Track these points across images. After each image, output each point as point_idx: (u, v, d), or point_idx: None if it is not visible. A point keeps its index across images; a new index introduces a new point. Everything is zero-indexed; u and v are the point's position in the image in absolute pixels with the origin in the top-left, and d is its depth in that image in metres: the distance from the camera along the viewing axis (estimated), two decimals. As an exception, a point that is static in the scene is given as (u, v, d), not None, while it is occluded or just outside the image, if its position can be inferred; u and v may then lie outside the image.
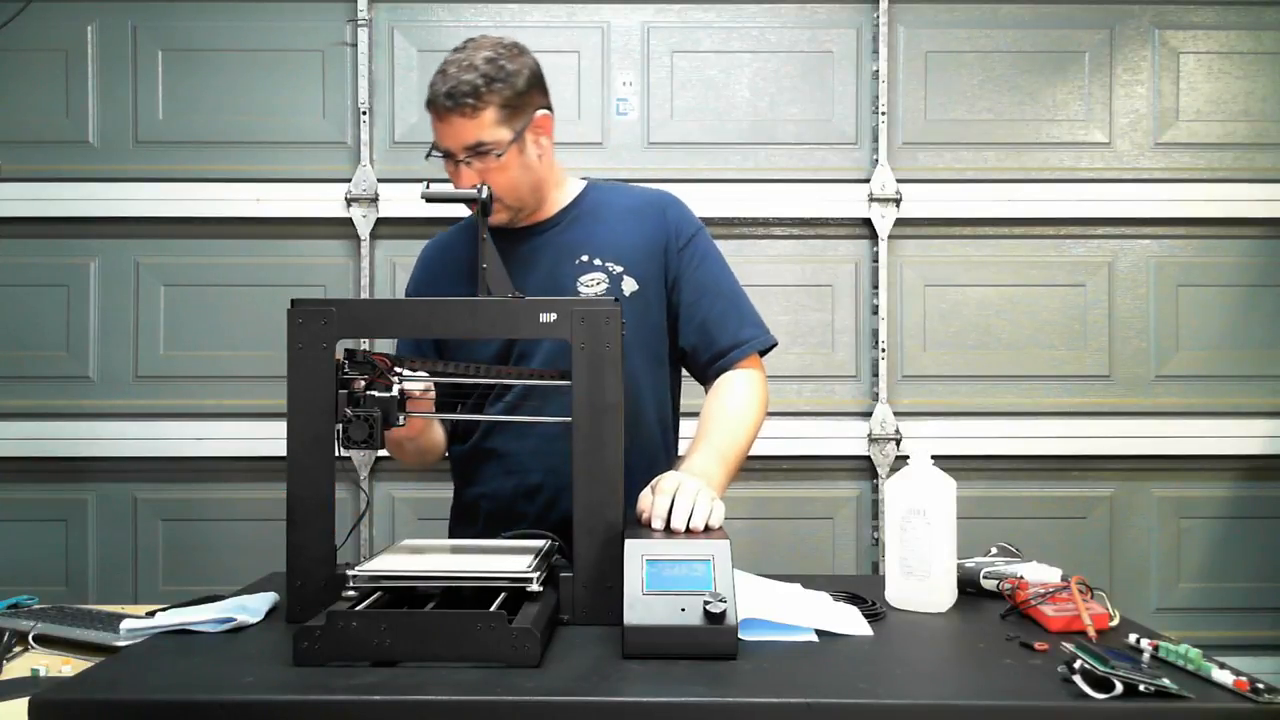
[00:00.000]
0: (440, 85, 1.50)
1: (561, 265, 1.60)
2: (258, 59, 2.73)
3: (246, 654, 1.13)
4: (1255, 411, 2.76)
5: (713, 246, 1.70)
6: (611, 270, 1.60)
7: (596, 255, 1.61)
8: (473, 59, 1.50)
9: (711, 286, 1.65)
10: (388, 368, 1.30)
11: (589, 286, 1.59)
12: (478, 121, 1.50)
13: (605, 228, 1.63)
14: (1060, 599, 1.25)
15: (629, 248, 1.62)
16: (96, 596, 2.67)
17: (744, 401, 1.61)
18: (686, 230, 1.66)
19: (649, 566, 1.14)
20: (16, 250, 2.72)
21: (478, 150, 1.51)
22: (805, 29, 2.76)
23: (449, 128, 1.51)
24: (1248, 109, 2.78)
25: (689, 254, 1.65)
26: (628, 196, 1.70)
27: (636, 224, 1.64)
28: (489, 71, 1.50)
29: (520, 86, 1.53)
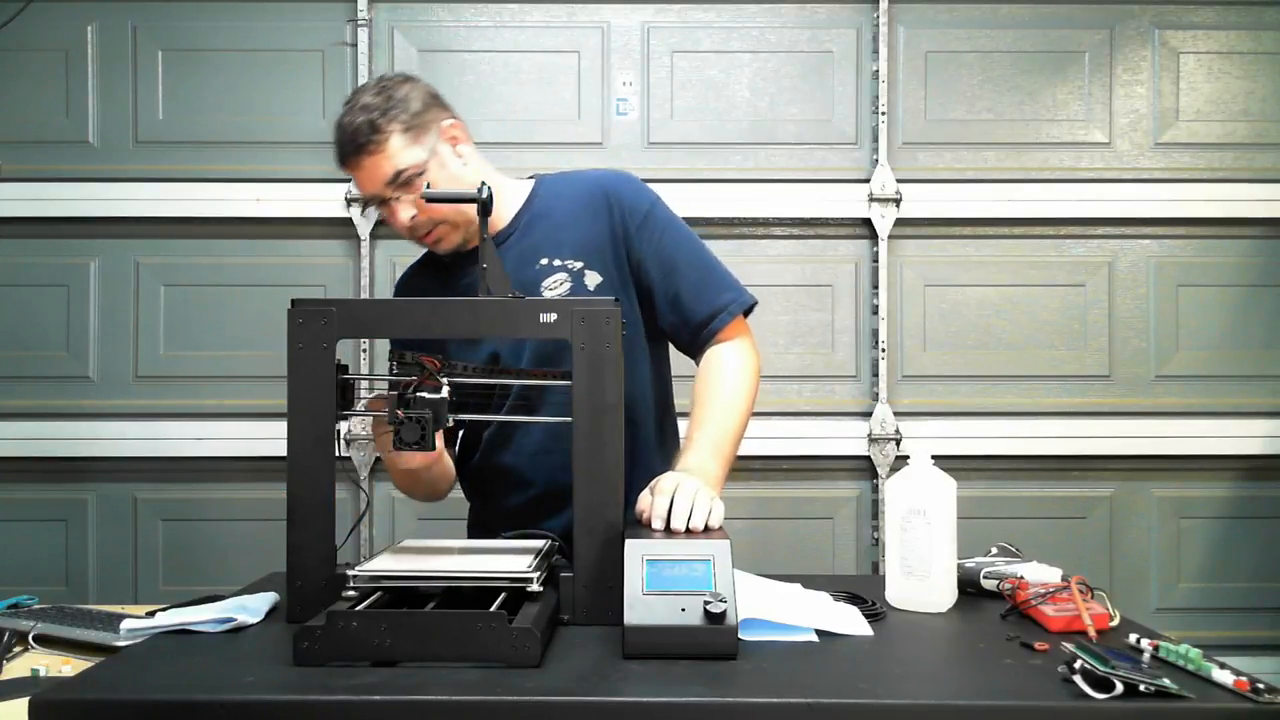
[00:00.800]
0: (340, 137, 1.51)
1: (523, 273, 1.56)
2: (258, 59, 2.73)
3: (246, 654, 1.13)
4: (1255, 411, 2.76)
5: (670, 217, 1.63)
6: (572, 268, 1.57)
7: (555, 256, 1.58)
8: (357, 103, 1.52)
9: (678, 260, 1.59)
10: (437, 369, 1.30)
11: (552, 289, 1.56)
12: (386, 153, 1.49)
13: (558, 226, 1.60)
14: (1060, 599, 1.26)
15: (585, 241, 1.58)
16: (96, 596, 2.67)
17: (732, 379, 1.56)
18: (639, 208, 1.60)
19: (649, 566, 1.14)
20: (16, 250, 2.72)
21: (400, 181, 1.50)
22: (805, 29, 2.76)
23: (365, 172, 1.51)
24: (1248, 109, 2.78)
25: (647, 232, 1.59)
26: (575, 187, 1.64)
27: (587, 214, 1.60)
28: (378, 104, 1.50)
29: (415, 107, 1.53)
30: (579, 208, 1.61)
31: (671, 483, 1.31)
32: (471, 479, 1.73)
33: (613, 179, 1.64)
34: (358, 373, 1.36)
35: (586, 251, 1.58)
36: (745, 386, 1.57)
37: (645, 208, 1.60)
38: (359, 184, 1.55)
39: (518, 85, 2.74)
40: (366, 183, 1.53)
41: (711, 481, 1.40)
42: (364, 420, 2.63)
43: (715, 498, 1.31)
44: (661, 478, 1.35)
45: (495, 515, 1.67)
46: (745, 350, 1.61)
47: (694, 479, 1.33)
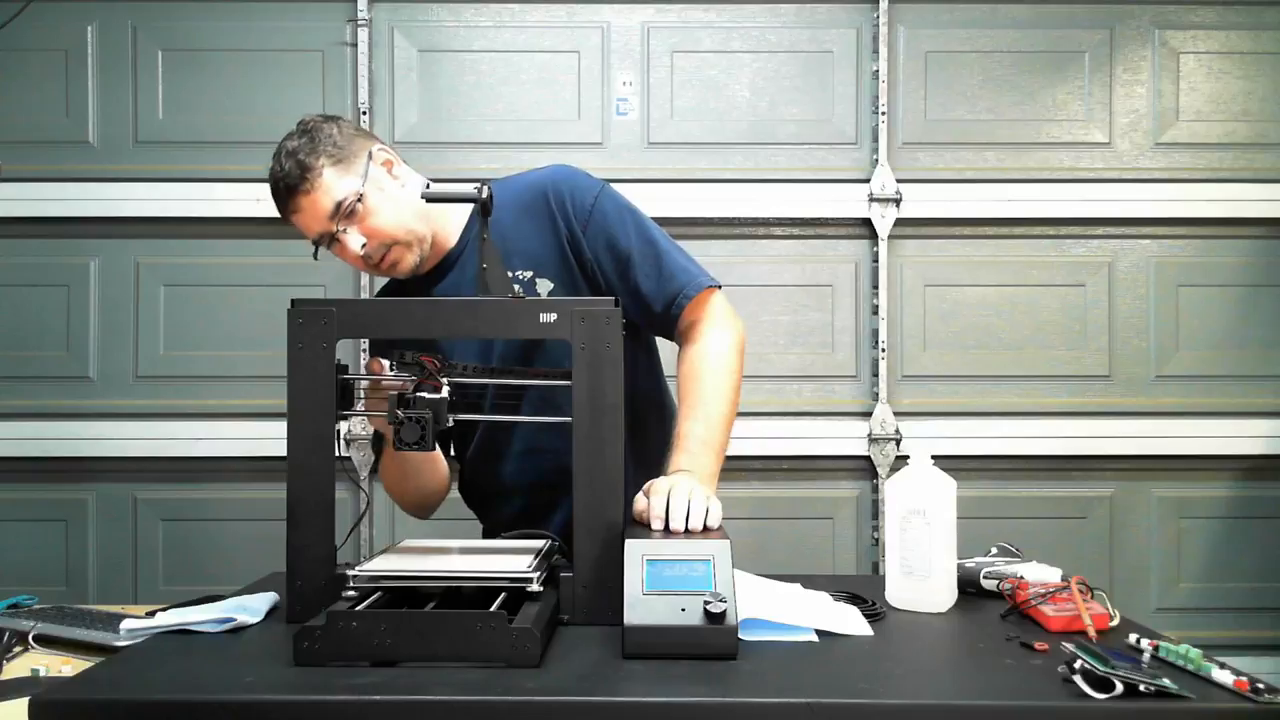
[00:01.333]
0: (274, 187, 1.53)
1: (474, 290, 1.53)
2: (258, 59, 2.73)
3: (246, 654, 1.13)
4: (1255, 411, 2.76)
5: (617, 208, 1.57)
6: (522, 278, 1.54)
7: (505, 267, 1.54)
8: (281, 150, 1.54)
9: (629, 253, 1.54)
10: (437, 369, 1.30)
11: None
12: (322, 187, 1.49)
13: (503, 236, 1.53)
14: (1060, 599, 1.26)
15: (532, 249, 1.55)
16: (96, 596, 2.67)
17: (713, 368, 1.51)
18: (583, 204, 1.55)
19: (649, 566, 1.14)
20: (16, 250, 2.72)
21: (341, 212, 1.49)
22: (805, 29, 2.76)
23: (305, 214, 1.51)
24: (1248, 109, 2.78)
25: (595, 229, 1.54)
26: (517, 193, 1.59)
27: (532, 220, 1.56)
28: (301, 145, 1.52)
29: (339, 139, 1.53)
30: (523, 214, 1.57)
31: (667, 484, 1.31)
32: (466, 493, 1.74)
33: (552, 179, 1.59)
34: (358, 373, 1.36)
35: (534, 260, 1.55)
36: (727, 370, 1.52)
37: (589, 204, 1.55)
38: (304, 228, 1.54)
39: (518, 85, 2.74)
40: (311, 223, 1.52)
41: (706, 478, 1.39)
42: (364, 420, 2.63)
43: (712, 496, 1.30)
44: (654, 481, 1.35)
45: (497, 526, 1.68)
46: (721, 327, 1.55)
47: (689, 478, 1.33)
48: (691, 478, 1.34)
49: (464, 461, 1.71)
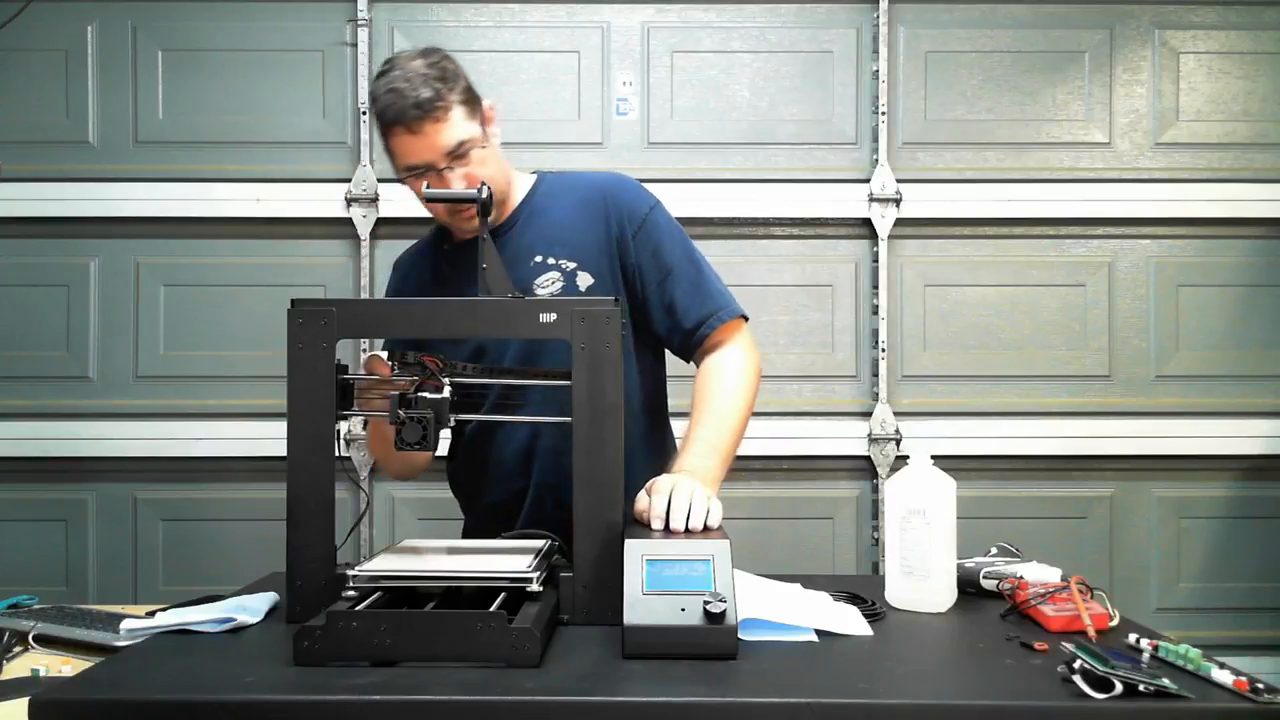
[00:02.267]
0: (399, 101, 1.46)
1: (518, 269, 1.57)
2: (258, 59, 2.73)
3: (246, 654, 1.13)
4: (1255, 411, 2.76)
5: (668, 223, 1.63)
6: (565, 268, 1.57)
7: (550, 254, 1.58)
8: (411, 71, 1.48)
9: (673, 266, 1.59)
10: (438, 369, 1.30)
11: (544, 288, 1.56)
12: (450, 122, 1.48)
13: (556, 224, 1.60)
14: (1060, 599, 1.26)
15: (581, 242, 1.58)
16: (96, 596, 2.67)
17: (730, 380, 1.56)
18: (637, 212, 1.60)
19: (649, 566, 1.14)
20: (16, 250, 2.72)
21: (459, 152, 1.49)
22: (805, 29, 2.76)
23: (423, 139, 1.48)
24: (1248, 109, 2.78)
25: (644, 238, 1.59)
26: (575, 188, 1.65)
27: (586, 216, 1.60)
28: (437, 74, 1.48)
29: (465, 81, 1.52)
30: (578, 208, 1.61)
31: (669, 483, 1.31)
32: (454, 474, 1.74)
33: (613, 182, 1.65)
34: (358, 373, 1.36)
35: (581, 253, 1.58)
36: (743, 386, 1.57)
37: (643, 213, 1.60)
38: (408, 152, 1.49)
39: (518, 85, 2.74)
40: (422, 150, 1.48)
41: (709, 480, 1.40)
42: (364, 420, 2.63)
43: (713, 496, 1.31)
44: (656, 479, 1.35)
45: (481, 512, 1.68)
46: (743, 352, 1.61)
47: (691, 479, 1.33)
48: (693, 478, 1.34)
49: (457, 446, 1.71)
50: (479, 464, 1.65)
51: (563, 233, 1.59)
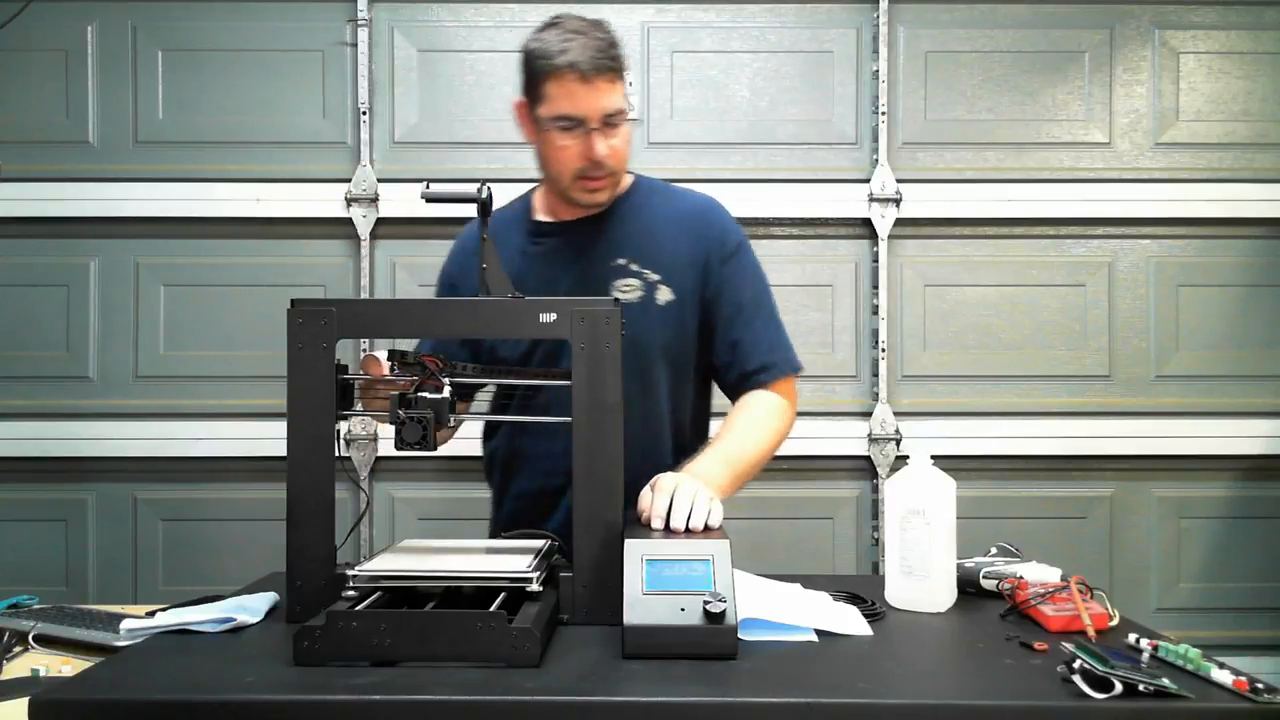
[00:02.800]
0: (581, 51, 1.46)
1: (598, 265, 1.58)
2: (258, 59, 2.73)
3: (246, 654, 1.13)
4: (1255, 411, 2.76)
5: (754, 260, 1.67)
6: (647, 278, 1.58)
7: (634, 260, 1.58)
8: (598, 30, 1.49)
9: (749, 305, 1.62)
10: (438, 369, 1.30)
11: (623, 292, 1.56)
12: (617, 87, 1.49)
13: (647, 232, 1.60)
14: (1060, 599, 1.26)
15: (669, 257, 1.59)
16: (96, 596, 2.67)
17: (763, 419, 1.59)
18: (730, 242, 1.63)
19: (649, 566, 1.14)
20: (16, 250, 2.72)
21: (613, 120, 1.50)
22: (805, 29, 2.76)
23: (593, 92, 1.47)
24: (1248, 109, 2.78)
25: (730, 269, 1.62)
26: (673, 202, 1.66)
27: (680, 233, 1.61)
28: (614, 40, 1.50)
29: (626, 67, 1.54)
30: (672, 222, 1.62)
31: (672, 482, 1.31)
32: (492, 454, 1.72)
33: (712, 207, 1.67)
34: (358, 373, 1.36)
35: (669, 267, 1.59)
36: (775, 427, 1.60)
37: (736, 243, 1.64)
38: (571, 101, 1.48)
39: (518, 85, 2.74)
40: (584, 102, 1.48)
41: (714, 486, 1.40)
42: (364, 420, 2.63)
43: (715, 498, 1.31)
44: (661, 476, 1.35)
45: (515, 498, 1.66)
46: (782, 404, 1.63)
47: (695, 480, 1.33)
48: (698, 480, 1.34)
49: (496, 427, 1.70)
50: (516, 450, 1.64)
51: (652, 243, 1.60)
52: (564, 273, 1.59)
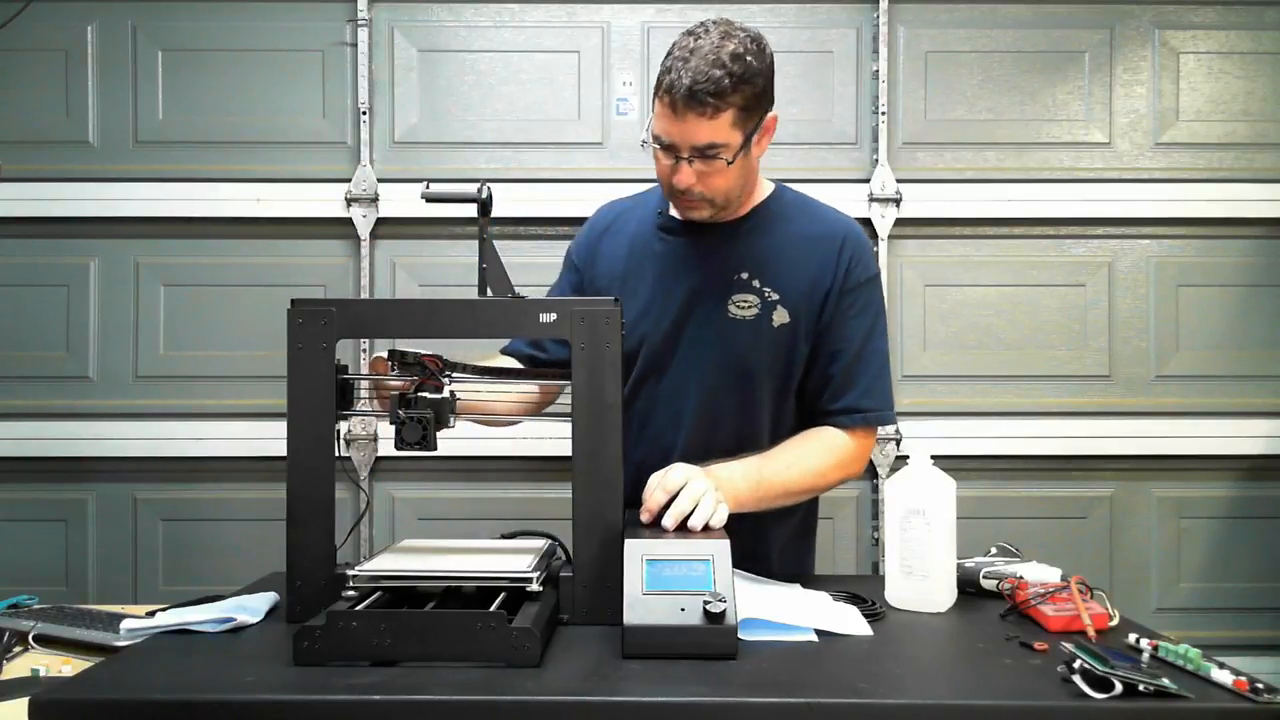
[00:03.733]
0: (681, 76, 1.38)
1: (720, 275, 1.54)
2: (258, 59, 2.73)
3: (246, 654, 1.13)
4: (1255, 411, 2.76)
5: (878, 300, 1.59)
6: (767, 297, 1.53)
7: (756, 276, 1.54)
8: (720, 52, 1.39)
9: (858, 344, 1.55)
10: (438, 369, 1.30)
11: (740, 307, 1.53)
12: (715, 123, 1.40)
13: (775, 249, 1.55)
14: (1060, 599, 1.26)
15: (792, 278, 1.54)
16: (96, 596, 2.67)
17: (816, 454, 1.52)
18: (857, 275, 1.56)
19: (649, 566, 1.14)
20: (16, 250, 2.72)
21: (706, 152, 1.43)
22: (805, 29, 2.76)
23: (681, 124, 1.41)
24: (1248, 109, 2.78)
25: (850, 300, 1.55)
26: (810, 221, 1.60)
27: (808, 255, 1.55)
28: (736, 70, 1.39)
29: (760, 87, 1.44)
30: (805, 242, 1.56)
31: (681, 476, 1.29)
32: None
33: (851, 234, 1.59)
34: (358, 373, 1.36)
35: (790, 289, 1.54)
36: (822, 466, 1.52)
37: (863, 278, 1.57)
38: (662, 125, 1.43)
39: (518, 85, 2.74)
40: (673, 131, 1.42)
41: (730, 494, 1.36)
42: (364, 420, 2.63)
43: (721, 501, 1.29)
44: (676, 466, 1.32)
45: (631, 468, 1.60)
46: (849, 449, 1.55)
47: (708, 479, 1.31)
48: (711, 480, 1.31)
49: None
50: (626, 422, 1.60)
51: (778, 261, 1.55)
52: (685, 276, 1.55)
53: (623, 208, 1.71)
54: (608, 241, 1.66)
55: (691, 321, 1.55)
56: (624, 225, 1.66)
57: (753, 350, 1.53)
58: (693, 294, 1.54)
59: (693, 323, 1.55)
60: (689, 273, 1.55)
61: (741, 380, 1.53)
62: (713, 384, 1.54)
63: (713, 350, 1.54)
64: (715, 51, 1.38)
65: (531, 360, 1.64)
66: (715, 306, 1.53)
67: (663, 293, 1.56)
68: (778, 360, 1.54)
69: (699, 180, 1.45)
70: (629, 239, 1.63)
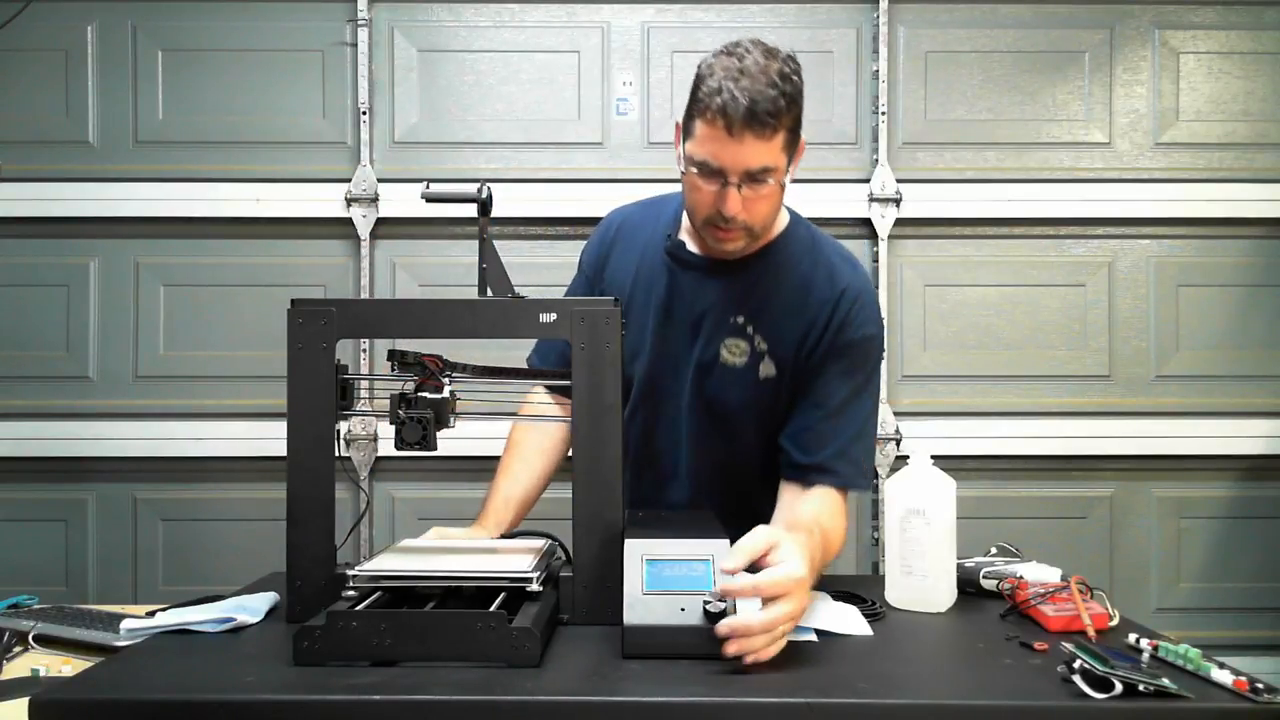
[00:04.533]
0: (737, 97, 1.29)
1: (718, 315, 1.49)
2: (258, 59, 2.73)
3: (246, 654, 1.13)
4: (1255, 411, 2.76)
5: (873, 361, 1.50)
6: (757, 347, 1.48)
7: (751, 322, 1.48)
8: (770, 72, 1.31)
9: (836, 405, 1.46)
10: (438, 369, 1.30)
11: (731, 353, 1.48)
12: (770, 145, 1.33)
13: (773, 296, 1.48)
14: (1060, 599, 1.26)
15: (783, 330, 1.47)
16: (96, 596, 2.67)
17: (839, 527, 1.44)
18: (849, 335, 1.46)
19: (649, 566, 1.14)
20: (16, 250, 2.72)
21: (758, 176, 1.35)
22: (805, 29, 2.76)
23: (736, 147, 1.32)
24: (1248, 109, 2.78)
25: (838, 357, 1.46)
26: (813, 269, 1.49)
27: (804, 305, 1.47)
28: (788, 90, 1.32)
29: (801, 108, 1.37)
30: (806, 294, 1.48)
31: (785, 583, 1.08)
32: None
33: (855, 292, 1.48)
34: (358, 373, 1.36)
35: (779, 339, 1.48)
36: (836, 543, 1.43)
37: (857, 338, 1.47)
38: (713, 150, 1.34)
39: (518, 85, 2.74)
40: (727, 156, 1.33)
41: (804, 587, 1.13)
42: (364, 420, 2.63)
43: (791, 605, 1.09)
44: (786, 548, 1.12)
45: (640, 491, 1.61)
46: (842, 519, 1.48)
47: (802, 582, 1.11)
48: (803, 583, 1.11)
49: None
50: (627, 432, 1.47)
51: (774, 310, 1.48)
52: (685, 311, 1.51)
53: (635, 219, 1.65)
54: (618, 254, 1.62)
55: (686, 358, 1.53)
56: (634, 237, 1.61)
57: (738, 398, 1.50)
58: (690, 330, 1.51)
59: (687, 360, 1.52)
60: (690, 308, 1.51)
61: (729, 421, 1.52)
62: (703, 420, 1.53)
63: (703, 390, 1.52)
64: (765, 71, 1.31)
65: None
66: (708, 348, 1.50)
67: (662, 323, 1.53)
68: (763, 411, 1.50)
69: (745, 207, 1.37)
70: (638, 255, 1.58)
